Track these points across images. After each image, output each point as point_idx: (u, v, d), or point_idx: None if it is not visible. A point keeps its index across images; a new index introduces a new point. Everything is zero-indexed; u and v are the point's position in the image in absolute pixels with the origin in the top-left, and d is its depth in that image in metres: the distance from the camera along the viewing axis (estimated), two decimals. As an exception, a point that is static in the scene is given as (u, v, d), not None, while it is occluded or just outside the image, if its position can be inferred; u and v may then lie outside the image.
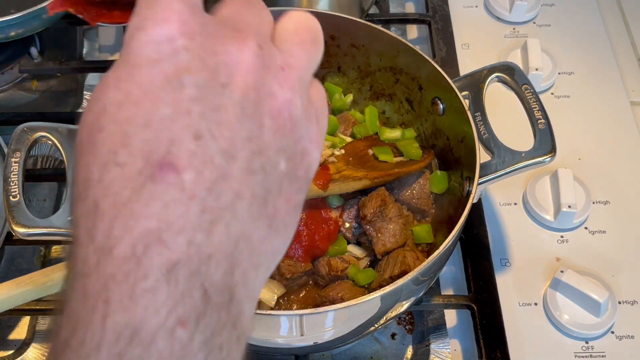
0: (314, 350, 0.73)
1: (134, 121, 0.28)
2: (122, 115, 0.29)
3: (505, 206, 0.85)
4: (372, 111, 0.82)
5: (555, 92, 0.96)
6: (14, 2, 0.90)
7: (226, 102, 0.30)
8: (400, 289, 0.60)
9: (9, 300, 0.47)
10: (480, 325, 0.74)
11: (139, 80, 0.29)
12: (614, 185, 0.87)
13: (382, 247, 0.71)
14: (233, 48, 0.31)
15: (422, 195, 0.76)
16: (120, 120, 0.29)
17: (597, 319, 0.74)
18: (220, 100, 0.30)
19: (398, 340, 0.77)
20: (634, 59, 1.02)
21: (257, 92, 0.31)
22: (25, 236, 0.64)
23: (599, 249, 0.81)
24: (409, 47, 0.77)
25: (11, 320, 0.79)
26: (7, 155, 0.67)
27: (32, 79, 1.01)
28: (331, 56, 0.84)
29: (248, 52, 0.31)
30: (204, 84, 0.29)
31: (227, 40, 0.31)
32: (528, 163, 0.69)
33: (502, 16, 1.04)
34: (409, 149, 0.76)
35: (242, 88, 0.30)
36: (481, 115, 0.73)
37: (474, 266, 0.79)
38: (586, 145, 0.91)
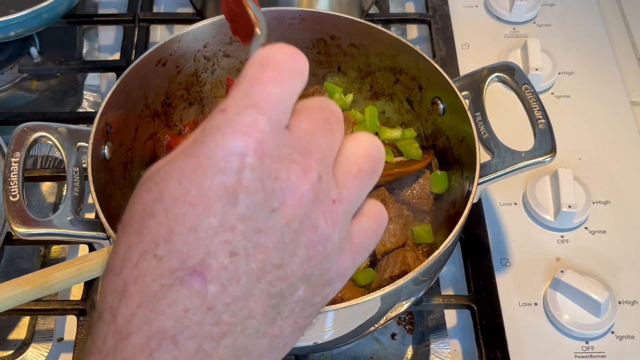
0: (314, 350, 0.73)
1: (183, 221, 0.30)
2: (174, 211, 0.31)
3: (505, 206, 0.85)
4: (372, 111, 0.82)
5: (555, 92, 0.96)
6: (14, 2, 0.90)
7: (270, 227, 0.31)
8: (400, 289, 0.60)
9: (8, 300, 0.47)
10: (480, 325, 0.74)
11: (200, 183, 0.31)
12: (614, 185, 0.87)
13: (382, 247, 0.71)
14: (294, 176, 0.32)
15: (422, 195, 0.76)
16: (171, 214, 0.31)
17: (597, 319, 0.74)
18: (265, 224, 0.31)
19: (398, 340, 0.77)
20: (634, 59, 1.02)
21: (301, 223, 0.32)
22: (25, 236, 0.64)
23: (599, 249, 0.81)
24: (409, 47, 0.77)
25: (11, 320, 0.79)
26: (7, 155, 0.67)
27: (32, 79, 1.00)
28: (331, 56, 0.84)
29: (306, 183, 0.32)
30: (256, 205, 0.31)
31: (292, 166, 0.32)
32: (528, 163, 0.69)
33: (502, 16, 1.04)
34: (409, 149, 0.76)
35: (288, 217, 0.32)
36: (481, 115, 0.72)
37: (474, 266, 0.79)
38: (586, 145, 0.91)
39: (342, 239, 0.35)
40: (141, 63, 0.74)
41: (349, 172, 0.35)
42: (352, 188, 0.35)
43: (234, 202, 0.30)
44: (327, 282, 0.34)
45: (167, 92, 0.80)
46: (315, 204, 0.33)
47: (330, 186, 0.34)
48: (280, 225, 0.31)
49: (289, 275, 0.32)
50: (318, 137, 0.34)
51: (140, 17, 1.02)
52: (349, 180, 0.35)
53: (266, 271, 0.31)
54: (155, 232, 0.31)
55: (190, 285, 0.30)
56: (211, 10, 1.04)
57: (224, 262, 0.30)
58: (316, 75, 0.86)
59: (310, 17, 0.80)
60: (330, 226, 0.33)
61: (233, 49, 0.82)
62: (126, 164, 0.76)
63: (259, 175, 0.31)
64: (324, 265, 0.34)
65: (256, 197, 0.31)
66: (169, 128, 0.82)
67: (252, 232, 0.31)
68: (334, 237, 0.34)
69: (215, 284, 0.30)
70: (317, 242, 0.33)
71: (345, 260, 0.35)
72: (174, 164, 0.32)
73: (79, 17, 1.05)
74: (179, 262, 0.30)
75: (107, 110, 0.70)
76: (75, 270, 0.47)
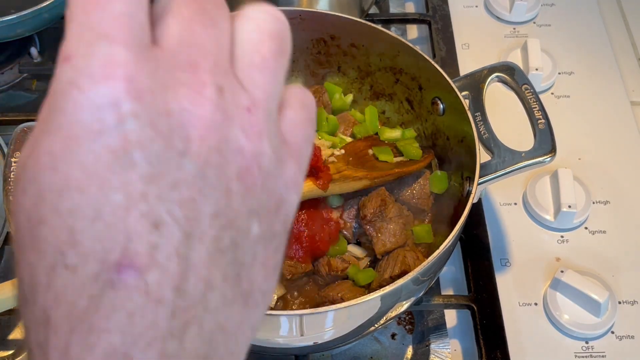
0: (314, 350, 0.73)
1: (80, 213, 0.23)
2: (64, 206, 0.24)
3: (505, 206, 0.85)
4: (372, 111, 0.82)
5: (555, 92, 0.96)
6: (14, 2, 0.90)
7: (186, 174, 0.25)
8: (400, 289, 0.60)
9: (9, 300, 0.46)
10: (480, 325, 0.74)
11: (79, 159, 0.23)
12: (614, 185, 0.87)
13: (382, 247, 0.71)
14: (189, 103, 0.25)
15: (422, 195, 0.76)
16: (63, 211, 0.24)
17: (597, 319, 0.74)
18: (179, 173, 0.25)
19: (398, 340, 0.77)
20: (634, 59, 1.02)
21: (220, 153, 0.26)
22: (25, 236, 0.63)
23: (599, 249, 0.81)
24: (409, 47, 0.77)
25: (11, 320, 0.79)
26: (7, 155, 0.67)
27: (32, 79, 1.01)
28: (331, 56, 0.84)
29: (207, 105, 0.25)
30: (158, 157, 0.24)
31: (181, 91, 0.25)
32: (528, 163, 0.69)
33: (502, 16, 1.04)
34: (409, 149, 0.76)
35: (202, 153, 0.25)
36: (481, 115, 0.72)
37: (474, 266, 0.79)
38: (586, 145, 0.91)
39: (276, 146, 0.28)
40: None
41: (253, 64, 0.28)
42: (264, 82, 0.28)
43: (130, 164, 0.24)
44: (280, 202, 0.28)
45: (167, 92, 0.80)
46: (228, 123, 0.26)
47: (236, 93, 0.27)
48: (198, 167, 0.25)
49: (233, 219, 0.26)
50: (199, 39, 0.27)
51: (140, 17, 1.02)
52: (256, 74, 0.28)
53: (204, 227, 0.25)
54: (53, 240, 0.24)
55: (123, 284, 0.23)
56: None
57: (151, 238, 0.24)
58: (316, 75, 0.86)
59: (310, 17, 0.80)
60: (257, 140, 0.27)
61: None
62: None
63: (146, 120, 0.24)
64: (268, 186, 0.27)
65: (154, 146, 0.24)
66: (169, 128, 0.82)
67: (167, 189, 0.24)
68: (266, 150, 0.27)
69: (153, 270, 0.24)
70: (249, 166, 0.27)
71: (289, 168, 0.29)
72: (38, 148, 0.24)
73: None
74: (99, 263, 0.23)
75: (107, 111, 0.70)
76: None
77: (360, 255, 0.73)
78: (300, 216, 0.69)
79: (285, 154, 0.29)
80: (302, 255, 0.69)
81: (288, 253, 0.69)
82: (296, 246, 0.69)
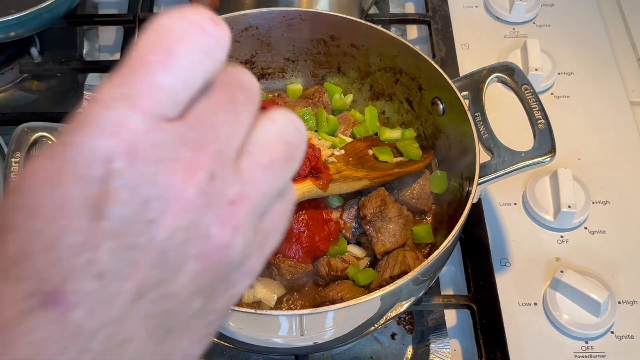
0: (314, 350, 0.73)
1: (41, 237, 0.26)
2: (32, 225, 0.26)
3: (505, 206, 0.85)
4: (372, 111, 0.82)
5: (555, 92, 0.96)
6: (14, 2, 0.90)
7: (146, 242, 0.26)
8: (400, 289, 0.60)
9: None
10: (480, 325, 0.74)
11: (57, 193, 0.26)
12: (614, 185, 0.87)
13: (382, 247, 0.71)
14: (176, 179, 0.27)
15: (422, 195, 0.76)
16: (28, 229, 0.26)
17: (597, 319, 0.74)
18: (139, 239, 0.26)
19: (398, 340, 0.78)
20: (634, 59, 1.02)
21: (186, 233, 0.27)
22: (25, 236, 0.64)
23: (599, 249, 0.81)
24: (409, 47, 0.77)
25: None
26: (7, 155, 0.67)
27: (32, 79, 1.01)
28: (331, 56, 0.84)
29: (192, 187, 0.27)
30: (126, 218, 0.26)
31: (175, 167, 0.27)
32: (528, 163, 0.69)
33: (502, 16, 1.04)
34: (409, 149, 0.77)
35: (169, 228, 0.27)
36: (481, 115, 0.73)
37: (474, 266, 0.79)
38: (586, 145, 0.91)
39: (248, 241, 0.29)
40: (141, 63, 0.74)
41: (258, 163, 0.30)
42: (262, 182, 0.30)
43: (97, 215, 0.26)
44: (230, 286, 0.30)
45: (167, 92, 0.80)
46: (206, 209, 0.27)
47: (227, 184, 0.28)
48: (159, 239, 0.27)
49: (176, 293, 0.28)
50: (216, 123, 0.28)
51: (140, 17, 1.02)
52: (257, 172, 0.29)
53: (144, 290, 0.27)
54: (12, 248, 0.26)
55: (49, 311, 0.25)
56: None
57: (89, 285, 0.26)
58: (316, 75, 0.86)
59: (310, 17, 0.80)
60: (229, 232, 0.28)
61: (233, 49, 0.82)
62: (126, 164, 0.76)
63: (128, 183, 0.26)
64: (223, 274, 0.29)
65: (126, 208, 0.26)
66: (169, 128, 0.82)
67: (123, 249, 0.26)
68: (235, 244, 0.29)
69: (80, 310, 0.26)
70: (212, 252, 0.28)
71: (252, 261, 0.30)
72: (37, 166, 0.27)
73: (79, 18, 1.05)
74: (37, 285, 0.26)
75: (108, 111, 0.70)
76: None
77: (360, 255, 0.73)
78: (300, 216, 0.69)
79: (254, 247, 0.30)
80: (302, 255, 0.69)
81: (288, 253, 0.69)
82: (296, 246, 0.69)
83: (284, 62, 0.86)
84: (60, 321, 0.26)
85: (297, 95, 0.86)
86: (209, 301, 0.29)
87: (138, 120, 0.26)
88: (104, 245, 0.26)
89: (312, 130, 0.78)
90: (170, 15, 0.28)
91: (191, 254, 0.28)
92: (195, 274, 0.28)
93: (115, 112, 0.26)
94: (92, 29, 1.07)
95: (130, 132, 0.26)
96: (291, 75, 0.87)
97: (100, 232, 0.26)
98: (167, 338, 0.28)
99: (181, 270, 0.28)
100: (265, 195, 0.30)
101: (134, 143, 0.26)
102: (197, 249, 0.28)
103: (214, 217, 0.28)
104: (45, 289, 0.26)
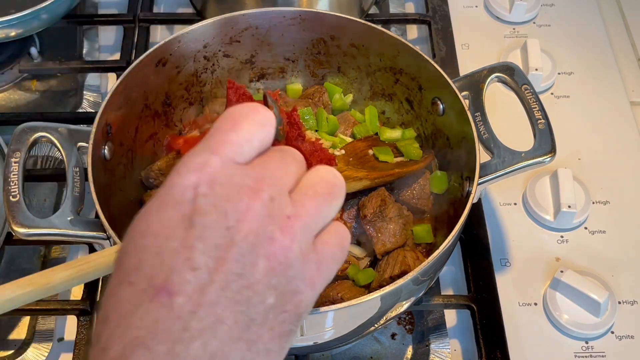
0: (314, 350, 0.73)
1: (149, 249, 0.36)
2: (142, 243, 0.36)
3: (505, 206, 0.85)
4: (372, 111, 0.82)
5: (555, 92, 0.96)
6: (14, 2, 0.90)
7: (227, 242, 0.36)
8: (400, 289, 0.60)
9: (9, 302, 0.47)
10: (480, 325, 0.74)
11: (161, 216, 0.36)
12: (614, 185, 0.87)
13: (382, 247, 0.71)
14: (246, 197, 0.37)
15: (422, 195, 0.76)
16: (139, 247, 0.36)
17: (597, 319, 0.74)
18: (222, 240, 0.36)
19: (398, 340, 0.78)
20: (634, 59, 1.02)
21: (257, 236, 0.36)
22: (25, 236, 0.64)
23: (599, 249, 0.81)
24: (409, 47, 0.77)
25: (11, 320, 0.79)
26: (7, 155, 0.67)
27: (32, 79, 1.01)
28: (331, 56, 0.84)
29: (258, 202, 0.37)
30: (210, 225, 0.36)
31: (244, 190, 0.37)
32: (528, 163, 0.69)
33: (502, 16, 1.04)
34: (409, 149, 0.76)
35: (244, 231, 0.36)
36: (481, 115, 0.73)
37: (474, 266, 0.79)
38: (586, 145, 0.91)
39: (305, 250, 0.38)
40: (141, 63, 0.74)
41: (305, 194, 0.40)
42: (309, 206, 0.39)
43: (190, 225, 0.36)
44: (296, 290, 0.38)
45: (167, 92, 0.80)
46: (270, 220, 0.37)
47: (283, 205, 0.38)
48: (237, 240, 0.36)
49: (253, 284, 0.36)
50: (271, 167, 0.39)
51: (140, 17, 1.02)
52: (305, 200, 0.39)
53: (229, 280, 0.35)
54: (127, 264, 0.36)
55: (157, 299, 0.34)
56: (211, 11, 1.04)
57: (187, 276, 0.35)
58: (316, 75, 0.86)
59: (310, 17, 0.80)
60: (288, 238, 0.37)
61: (233, 49, 0.82)
62: (126, 164, 0.76)
63: (211, 201, 0.36)
64: (288, 274, 0.37)
65: (210, 217, 0.36)
66: (169, 128, 0.82)
67: (210, 248, 0.35)
68: (294, 248, 0.37)
69: (181, 296, 0.34)
70: (277, 253, 0.37)
71: (310, 268, 0.39)
72: (144, 208, 0.37)
73: (79, 17, 1.05)
74: (147, 283, 0.35)
75: (107, 111, 0.70)
76: (76, 271, 0.47)
77: (360, 255, 0.73)
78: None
79: (311, 258, 0.39)
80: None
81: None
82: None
83: (284, 62, 0.86)
84: (166, 306, 0.34)
85: (297, 95, 0.86)
86: (280, 300, 0.37)
87: (216, 160, 0.37)
88: (196, 246, 0.35)
89: (312, 130, 0.78)
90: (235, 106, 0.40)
91: (261, 253, 0.36)
92: (266, 270, 0.36)
93: (200, 156, 0.38)
94: (92, 29, 1.07)
95: (211, 167, 0.37)
96: (291, 75, 0.87)
97: (192, 237, 0.35)
98: (250, 325, 0.36)
99: (255, 266, 0.36)
100: (313, 218, 0.40)
101: (213, 175, 0.37)
102: (265, 250, 0.36)
103: (276, 226, 0.37)
104: (153, 284, 0.35)
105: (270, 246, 0.37)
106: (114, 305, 0.35)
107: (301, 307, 0.39)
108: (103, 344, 0.35)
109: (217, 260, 0.35)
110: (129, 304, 0.35)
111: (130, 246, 0.37)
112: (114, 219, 0.64)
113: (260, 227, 0.36)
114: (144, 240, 0.36)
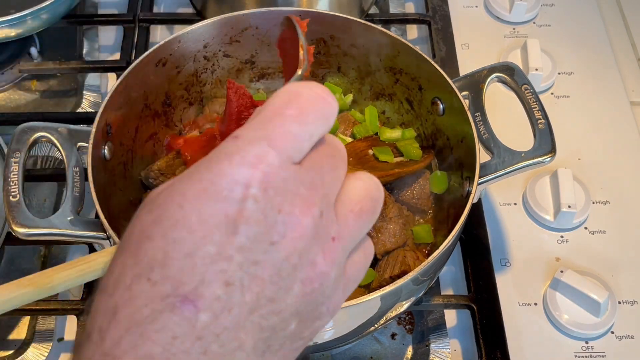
0: (314, 351, 0.73)
1: (180, 246, 0.30)
2: (172, 235, 0.30)
3: (505, 206, 0.85)
4: (372, 111, 0.82)
5: (555, 92, 0.96)
6: (14, 2, 0.90)
7: (268, 259, 0.31)
8: (400, 289, 0.60)
9: (9, 302, 0.47)
10: (480, 325, 0.74)
11: (201, 208, 0.30)
12: (614, 185, 0.87)
13: (382, 247, 0.71)
14: (297, 210, 0.32)
15: (422, 195, 0.76)
16: (169, 239, 0.30)
17: (597, 319, 0.74)
18: (263, 256, 0.31)
19: (398, 340, 0.78)
20: (634, 59, 1.02)
21: (300, 258, 0.32)
22: (25, 236, 0.64)
23: (599, 249, 0.81)
24: (409, 47, 0.77)
25: (11, 320, 0.79)
26: (7, 155, 0.67)
27: (32, 79, 1.01)
28: (331, 56, 0.84)
29: (309, 217, 0.32)
30: (255, 237, 0.31)
31: (296, 200, 0.32)
32: (528, 163, 0.69)
33: (502, 16, 1.04)
34: (409, 149, 0.77)
35: (287, 251, 0.32)
36: (481, 115, 0.73)
37: (474, 266, 0.79)
38: (586, 145, 0.91)
39: (338, 275, 0.34)
40: (141, 63, 0.74)
41: (351, 211, 0.35)
42: (353, 227, 0.35)
43: (233, 231, 0.30)
44: (318, 317, 0.34)
45: (167, 92, 0.80)
46: (315, 240, 0.33)
47: (330, 223, 0.34)
48: (278, 259, 0.31)
49: (282, 310, 0.32)
50: (324, 172, 0.34)
51: (140, 17, 1.02)
52: (350, 218, 0.35)
53: (260, 304, 0.31)
54: (151, 255, 0.30)
55: (180, 312, 0.29)
56: (211, 10, 1.04)
57: (218, 291, 0.30)
58: (316, 75, 0.86)
59: (310, 17, 0.80)
60: (329, 264, 0.33)
61: (233, 49, 0.82)
62: (126, 164, 0.76)
63: (261, 207, 0.31)
64: (317, 301, 0.34)
65: (257, 228, 0.31)
66: (169, 128, 0.82)
67: (249, 263, 0.31)
68: (331, 275, 0.34)
69: (207, 313, 0.30)
70: (314, 279, 0.33)
71: (337, 295, 0.35)
72: (178, 186, 0.31)
73: (79, 17, 1.05)
74: (172, 288, 0.30)
75: (107, 111, 0.71)
76: (77, 271, 0.47)
77: (360, 255, 0.73)
78: None
79: (341, 284, 0.35)
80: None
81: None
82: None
83: (284, 62, 0.86)
84: (189, 323, 0.29)
85: (297, 95, 0.86)
86: (301, 326, 0.33)
87: (274, 156, 0.32)
88: (235, 258, 0.30)
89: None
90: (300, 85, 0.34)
91: (299, 277, 0.32)
92: (299, 296, 0.32)
93: (257, 148, 0.32)
94: (92, 28, 1.07)
95: (268, 165, 0.31)
96: (291, 75, 0.87)
97: (233, 246, 0.30)
98: (266, 353, 0.32)
99: (290, 290, 0.32)
100: (354, 239, 0.36)
101: (268, 175, 0.31)
102: (305, 274, 0.32)
103: (320, 249, 0.33)
104: (179, 292, 0.30)
105: (310, 271, 0.33)
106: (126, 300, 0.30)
107: (316, 333, 0.36)
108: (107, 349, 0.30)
109: (253, 279, 0.31)
110: (146, 308, 0.29)
111: (157, 232, 0.31)
112: (114, 219, 0.64)
113: (304, 248, 0.32)
114: (176, 232, 0.30)
